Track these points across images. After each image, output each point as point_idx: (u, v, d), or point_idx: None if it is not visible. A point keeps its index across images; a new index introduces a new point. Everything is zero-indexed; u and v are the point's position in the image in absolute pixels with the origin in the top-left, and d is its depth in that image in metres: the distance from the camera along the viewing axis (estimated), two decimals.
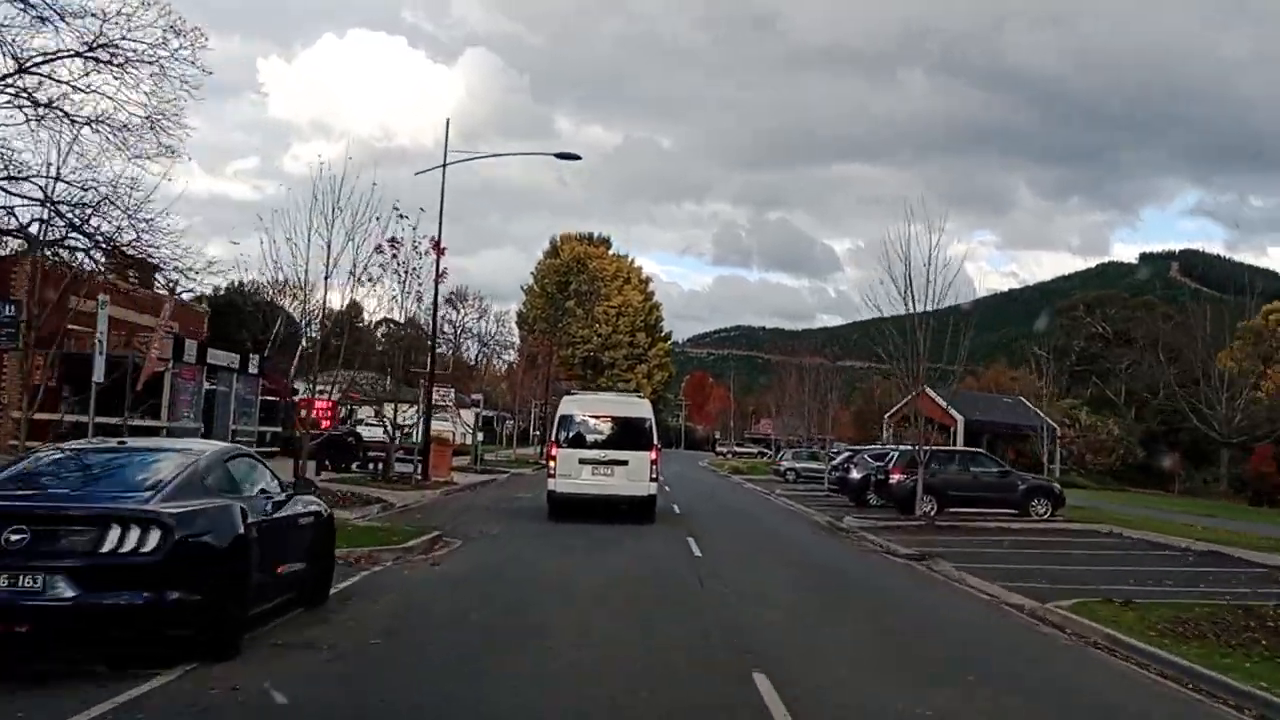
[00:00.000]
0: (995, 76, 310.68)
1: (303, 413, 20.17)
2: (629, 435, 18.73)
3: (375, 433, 28.36)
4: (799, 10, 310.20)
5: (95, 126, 15.81)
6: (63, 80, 16.09)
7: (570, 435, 18.95)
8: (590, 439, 18.90)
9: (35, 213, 15.93)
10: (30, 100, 15.75)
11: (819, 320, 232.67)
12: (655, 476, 18.71)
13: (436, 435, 42.64)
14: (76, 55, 16.35)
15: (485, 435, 60.18)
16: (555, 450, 18.93)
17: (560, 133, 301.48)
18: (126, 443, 7.64)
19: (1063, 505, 23.59)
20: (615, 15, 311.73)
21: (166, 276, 21.21)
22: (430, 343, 28.48)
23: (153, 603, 5.81)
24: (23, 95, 15.76)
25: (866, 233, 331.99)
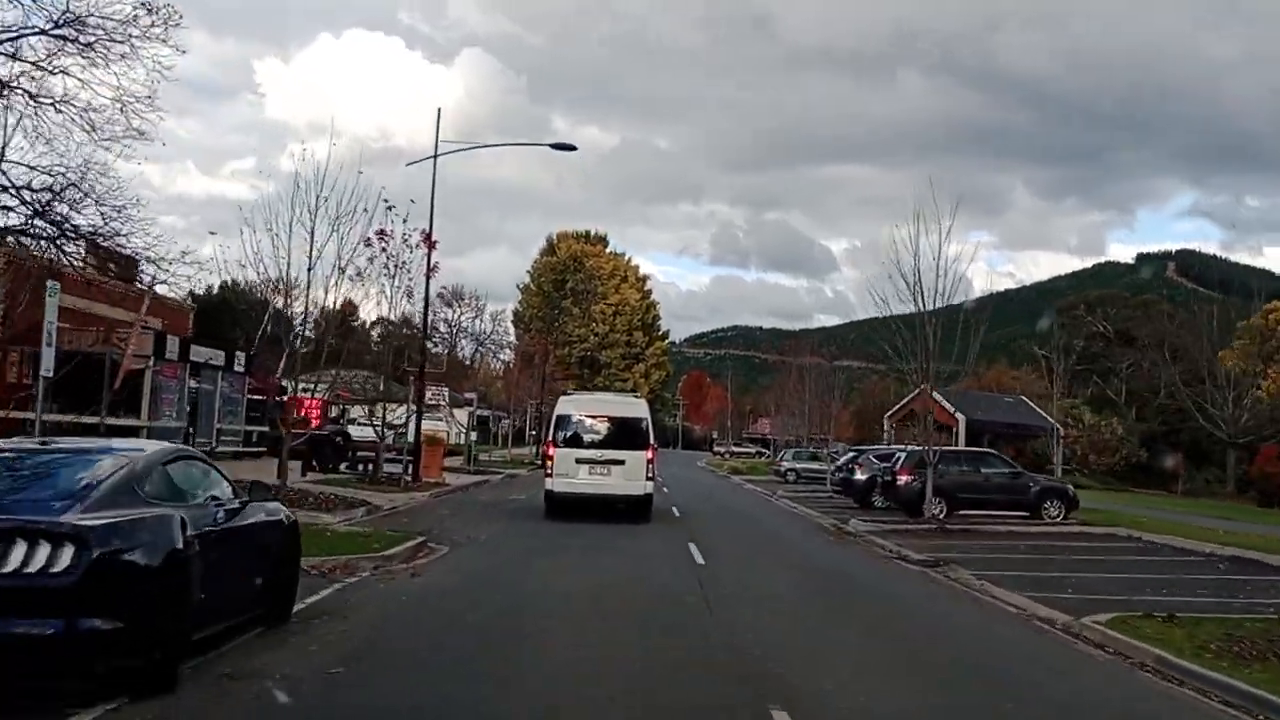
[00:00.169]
0: (991, 77, 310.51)
1: (288, 412, 19.21)
2: (625, 435, 18.77)
3: (367, 433, 27.36)
4: (795, 11, 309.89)
5: (60, 107, 14.84)
6: (28, 60, 15.13)
7: (567, 435, 18.98)
8: (587, 439, 18.92)
9: None
10: None
11: (816, 320, 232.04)
12: (651, 476, 18.75)
13: (430, 435, 41.83)
14: (41, 34, 15.40)
15: (480, 435, 59.42)
16: (552, 450, 18.99)
17: (557, 133, 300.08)
18: (51, 443, 6.64)
19: (1076, 508, 22.79)
20: (612, 16, 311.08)
21: (142, 269, 20.35)
22: (421, 339, 27.52)
23: (64, 632, 4.88)
24: None
25: (863, 233, 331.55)
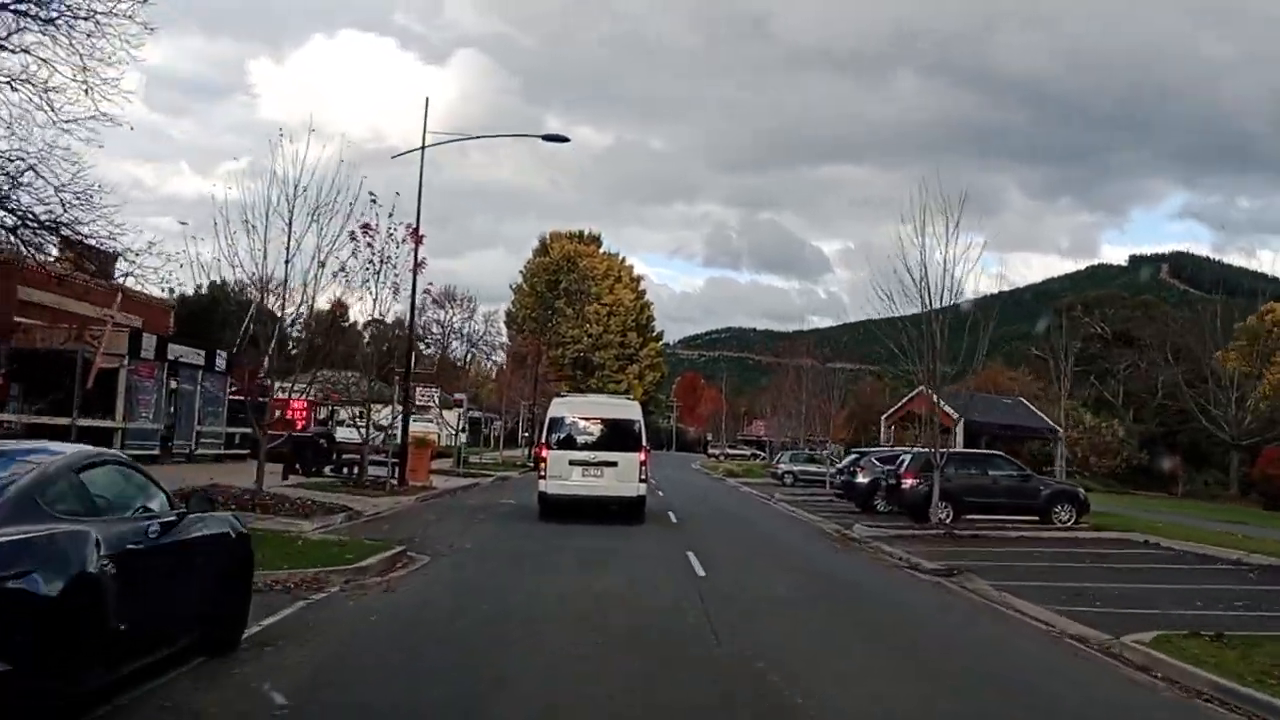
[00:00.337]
0: (985, 78, 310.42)
1: (269, 413, 18.21)
2: (618, 437, 18.76)
3: (356, 435, 26.39)
4: (791, 11, 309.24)
5: (16, 85, 13.90)
6: None
7: (560, 437, 18.95)
8: (580, 440, 18.90)
9: None
10: None
11: (810, 322, 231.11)
12: (644, 478, 18.74)
13: (420, 437, 40.85)
14: (2, 8, 14.48)
15: (472, 437, 58.46)
16: (545, 452, 18.97)
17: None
18: None
19: (1088, 511, 21.97)
20: (607, 17, 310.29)
21: (121, 264, 19.41)
22: (408, 337, 26.59)
23: None
24: None
25: (856, 234, 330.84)
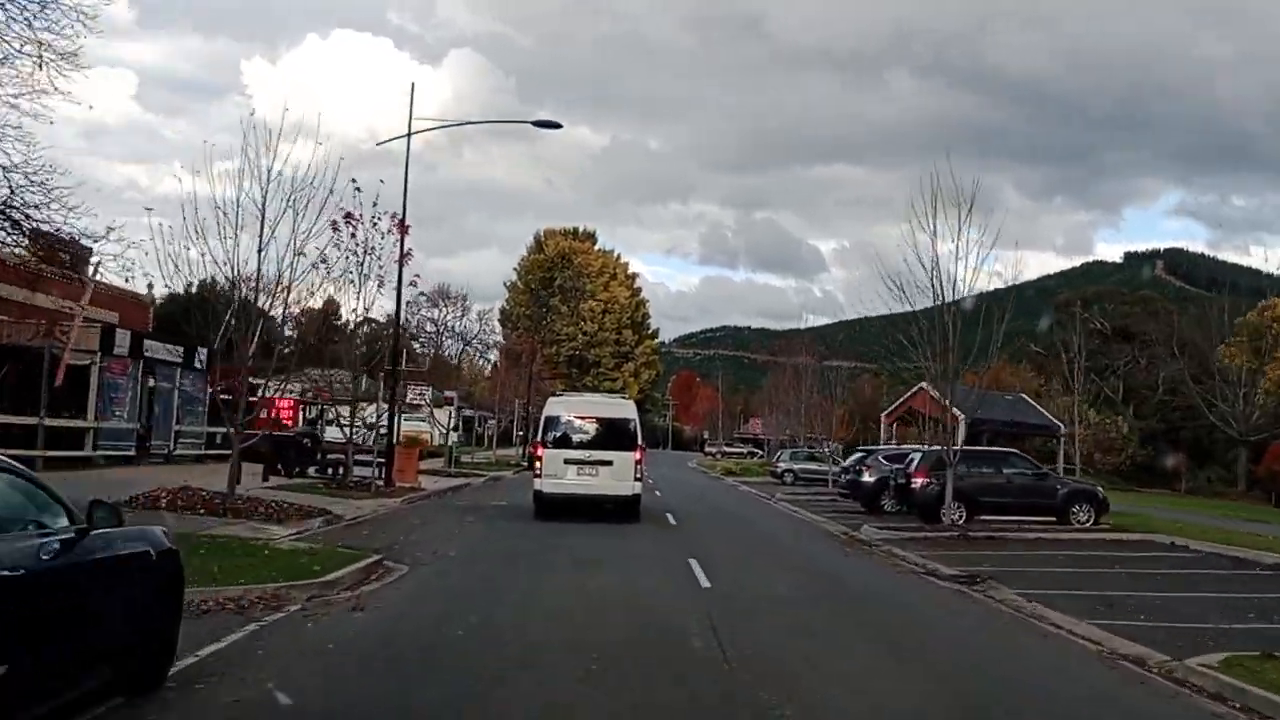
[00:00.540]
0: (980, 77, 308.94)
1: (239, 410, 17.10)
2: (614, 436, 18.70)
3: (348, 433, 25.26)
4: (786, 11, 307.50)
5: None
6: None
7: (556, 436, 18.89)
8: (576, 439, 18.83)
9: None
10: None
11: (806, 320, 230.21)
12: (639, 476, 18.73)
13: (412, 436, 39.78)
14: None
15: (466, 436, 57.41)
16: (541, 451, 18.90)
17: (547, 133, 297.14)
18: None
19: (1106, 511, 21.02)
20: (602, 17, 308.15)
21: (81, 253, 18.33)
22: (394, 331, 25.51)
23: None
24: None
25: (852, 233, 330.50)
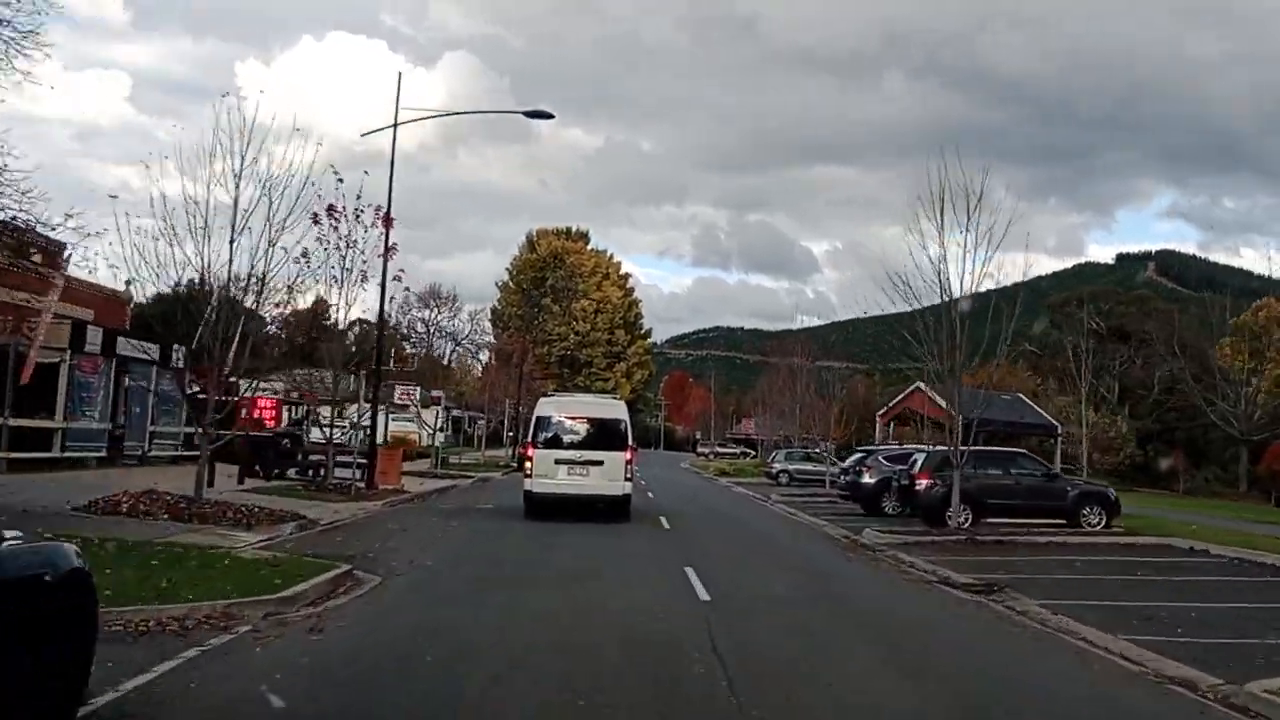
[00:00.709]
0: (973, 79, 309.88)
1: (204, 409, 16.14)
2: (604, 436, 18.67)
3: (336, 435, 24.32)
4: (780, 12, 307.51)
5: None
6: None
7: (546, 436, 18.90)
8: (566, 440, 18.83)
9: None
10: None
11: (799, 321, 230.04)
12: (630, 476, 18.74)
13: (400, 436, 38.84)
14: None
15: (455, 436, 56.48)
16: (532, 451, 18.94)
17: (541, 134, 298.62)
18: None
19: (1118, 514, 20.22)
20: (595, 18, 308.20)
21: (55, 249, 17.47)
22: (378, 328, 24.57)
23: None
24: None
25: (844, 234, 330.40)
